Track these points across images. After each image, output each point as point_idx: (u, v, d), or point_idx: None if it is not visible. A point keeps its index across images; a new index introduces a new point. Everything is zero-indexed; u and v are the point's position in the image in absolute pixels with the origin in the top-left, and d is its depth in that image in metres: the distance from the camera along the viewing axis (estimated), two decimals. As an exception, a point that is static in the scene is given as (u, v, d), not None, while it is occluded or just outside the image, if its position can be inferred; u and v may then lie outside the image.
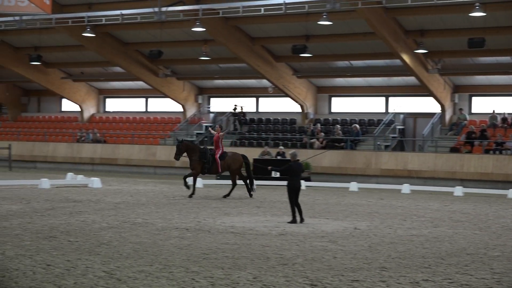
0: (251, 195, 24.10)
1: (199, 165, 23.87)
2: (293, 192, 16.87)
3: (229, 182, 24.90)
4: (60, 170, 39.08)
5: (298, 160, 17.29)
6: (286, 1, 27.97)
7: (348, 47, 35.34)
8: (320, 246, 13.57)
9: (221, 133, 24.53)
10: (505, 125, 34.15)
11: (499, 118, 34.73)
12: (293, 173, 16.96)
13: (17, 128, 47.32)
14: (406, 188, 28.83)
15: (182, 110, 43.34)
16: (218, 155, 23.92)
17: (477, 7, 26.58)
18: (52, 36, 38.76)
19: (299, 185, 17.04)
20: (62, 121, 47.91)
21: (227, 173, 25.47)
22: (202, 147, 24.67)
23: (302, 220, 16.99)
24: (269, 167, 20.12)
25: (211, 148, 24.43)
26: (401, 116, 37.81)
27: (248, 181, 24.36)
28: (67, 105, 49.11)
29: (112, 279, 10.08)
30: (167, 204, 21.21)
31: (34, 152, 42.75)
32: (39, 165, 42.23)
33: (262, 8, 28.69)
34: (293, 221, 16.96)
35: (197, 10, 29.58)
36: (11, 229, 14.93)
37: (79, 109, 47.04)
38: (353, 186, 29.53)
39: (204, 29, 31.82)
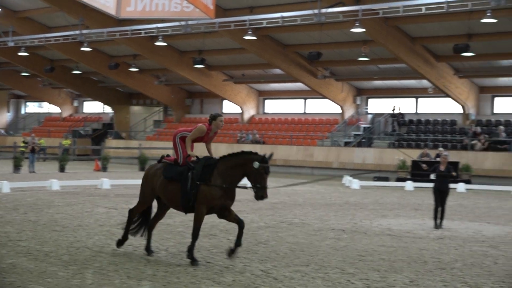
0: None
1: None
2: (439, 195, 16.81)
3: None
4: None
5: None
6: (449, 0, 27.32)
7: (513, 45, 33.93)
8: (480, 251, 13.22)
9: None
10: None
11: None
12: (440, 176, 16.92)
13: (181, 129, 49.08)
14: None
15: (340, 111, 43.35)
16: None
17: None
18: (215, 39, 39.87)
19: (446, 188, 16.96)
20: (224, 122, 49.11)
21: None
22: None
23: (441, 225, 16.74)
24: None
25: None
26: None
27: None
28: (229, 107, 50.51)
29: (269, 278, 10.31)
30: (323, 205, 21.33)
31: (197, 152, 44.09)
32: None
33: (423, 7, 28.16)
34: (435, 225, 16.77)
35: (357, 11, 29.41)
36: (175, 226, 15.58)
37: (240, 111, 48.18)
38: (517, 189, 28.38)
39: (363, 30, 31.60)
